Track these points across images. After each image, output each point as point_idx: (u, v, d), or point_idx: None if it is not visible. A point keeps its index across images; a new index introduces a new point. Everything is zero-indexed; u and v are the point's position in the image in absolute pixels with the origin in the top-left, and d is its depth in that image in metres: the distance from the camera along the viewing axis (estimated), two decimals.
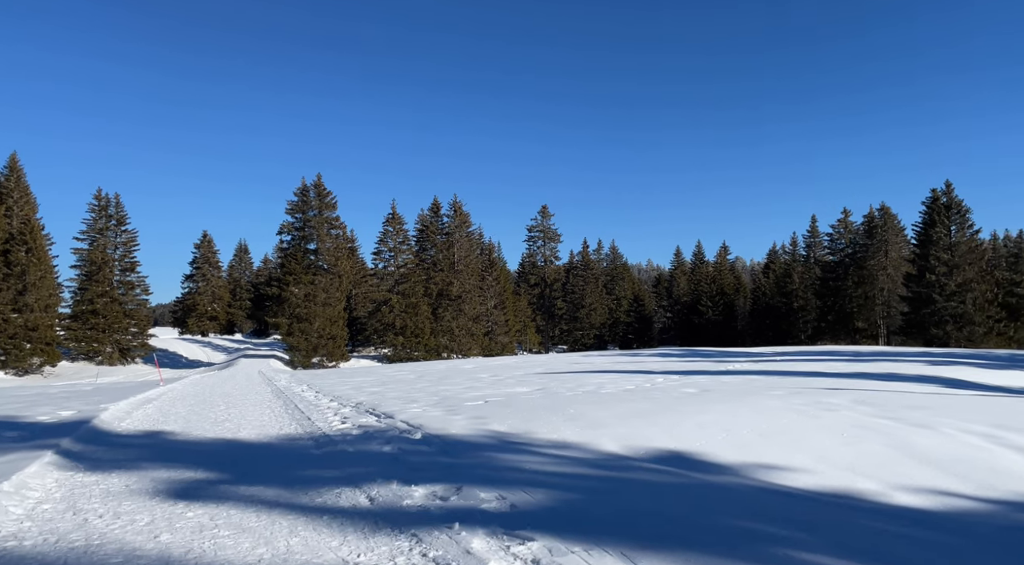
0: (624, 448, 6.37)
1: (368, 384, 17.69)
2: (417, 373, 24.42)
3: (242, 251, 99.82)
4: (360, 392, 14.51)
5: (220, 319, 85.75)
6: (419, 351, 59.42)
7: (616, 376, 17.59)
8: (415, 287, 60.30)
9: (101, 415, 9.34)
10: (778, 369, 18.77)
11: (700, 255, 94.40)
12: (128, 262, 58.42)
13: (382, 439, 7.16)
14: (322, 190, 59.13)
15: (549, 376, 18.37)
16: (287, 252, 60.30)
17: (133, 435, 8.14)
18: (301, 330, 53.05)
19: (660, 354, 33.75)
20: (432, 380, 18.72)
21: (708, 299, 78.79)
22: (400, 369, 29.16)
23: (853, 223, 64.13)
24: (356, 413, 9.84)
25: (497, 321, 69.65)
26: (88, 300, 53.83)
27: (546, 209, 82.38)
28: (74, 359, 53.22)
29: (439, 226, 68.70)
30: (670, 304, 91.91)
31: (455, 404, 10.27)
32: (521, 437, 6.93)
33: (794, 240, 76.02)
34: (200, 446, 7.35)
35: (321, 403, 12.07)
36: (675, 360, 27.59)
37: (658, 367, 22.39)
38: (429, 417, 8.59)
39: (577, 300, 79.13)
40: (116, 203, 58.59)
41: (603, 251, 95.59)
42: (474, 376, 20.21)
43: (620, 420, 7.78)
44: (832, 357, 25.78)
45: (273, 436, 8.01)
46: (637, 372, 19.56)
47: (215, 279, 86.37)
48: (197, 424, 9.32)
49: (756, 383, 13.58)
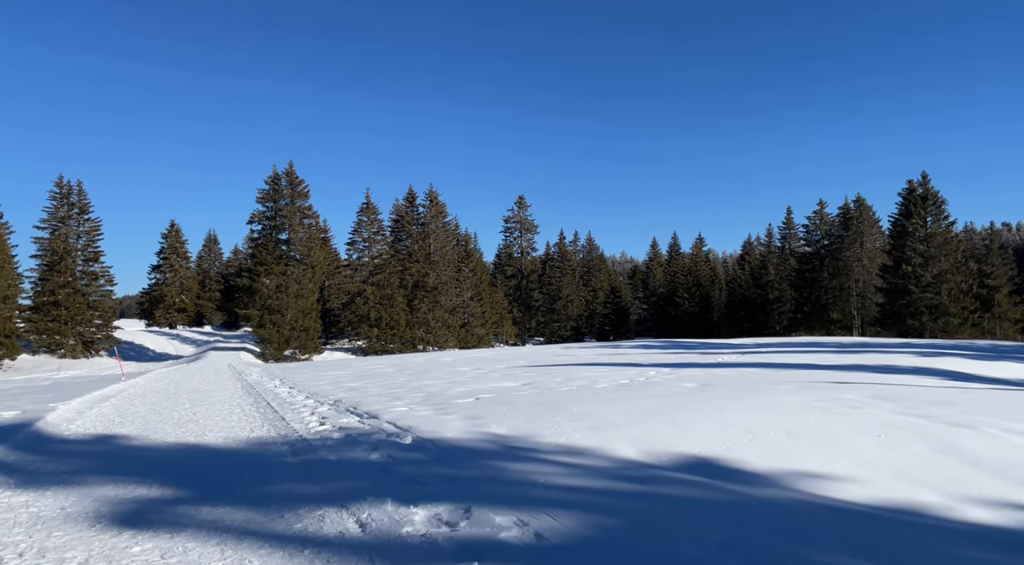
0: (643, 454, 5.64)
1: (345, 379, 16.79)
2: (396, 367, 23.55)
3: (211, 241, 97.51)
4: (337, 388, 13.63)
5: (189, 311, 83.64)
6: (394, 343, 58.41)
7: (605, 369, 16.93)
8: (390, 278, 59.21)
9: (47, 416, 8.39)
10: (769, 361, 18.26)
11: (676, 247, 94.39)
12: (91, 252, 56.43)
13: (368, 444, 6.35)
14: (294, 178, 57.63)
15: (535, 369, 17.64)
16: (258, 242, 58.74)
17: (81, 440, 7.21)
18: (273, 322, 51.73)
19: (641, 346, 33.23)
20: (413, 374, 17.88)
21: (684, 291, 78.78)
22: (377, 362, 28.23)
23: (829, 215, 64.36)
24: (336, 412, 8.99)
25: (473, 313, 68.80)
26: (49, 291, 51.90)
27: (523, 200, 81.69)
28: (35, 352, 51.31)
29: (414, 216, 67.59)
30: (646, 296, 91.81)
31: (444, 402, 9.47)
32: (525, 441, 6.17)
33: (769, 232, 76.21)
34: (158, 453, 6.47)
35: (296, 401, 11.19)
36: (659, 352, 27.04)
37: (644, 359, 21.79)
38: (418, 417, 7.79)
39: (554, 292, 78.57)
40: (79, 191, 56.53)
41: (579, 242, 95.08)
42: (456, 369, 19.42)
43: (629, 420, 7.05)
44: (817, 349, 25.44)
45: (243, 440, 7.16)
46: (625, 365, 18.92)
47: (183, 270, 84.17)
48: (157, 426, 8.41)
49: (755, 376, 12.98)
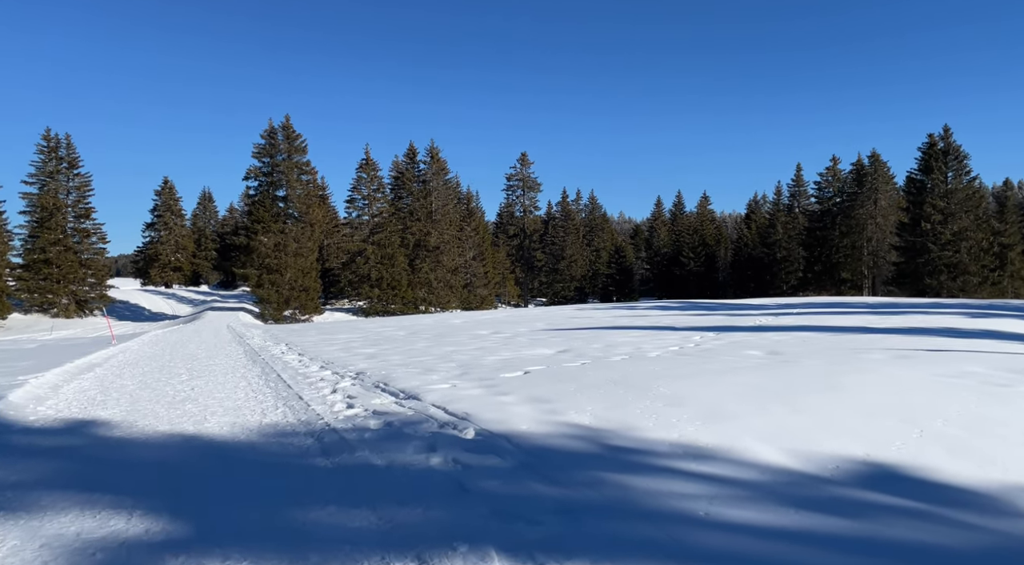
0: (792, 457, 4.19)
1: (357, 344, 15.35)
2: (406, 329, 22.14)
3: (206, 199, 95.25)
4: (352, 355, 12.18)
5: (184, 270, 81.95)
6: (396, 304, 57.01)
7: (640, 334, 15.50)
8: (391, 237, 57.46)
9: (13, 393, 6.91)
10: (814, 324, 16.84)
11: (680, 206, 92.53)
12: (83, 208, 54.41)
13: (420, 440, 4.89)
14: (291, 133, 55.37)
15: (562, 334, 16.21)
16: (255, 199, 56.71)
17: (48, 430, 5.73)
18: (272, 282, 50.18)
19: (658, 307, 31.81)
20: (430, 339, 16.43)
21: (690, 250, 77.22)
22: (384, 324, 26.82)
23: (841, 171, 62.46)
24: (363, 389, 7.54)
25: (476, 273, 67.33)
26: (40, 248, 50.13)
27: (525, 157, 79.38)
28: (27, 311, 49.80)
29: (415, 173, 65.49)
30: (649, 256, 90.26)
31: (487, 376, 8.02)
32: (626, 437, 4.71)
33: (778, 189, 74.29)
34: (146, 451, 5.01)
35: (310, 371, 9.74)
36: (681, 314, 25.65)
37: (673, 322, 20.38)
38: (468, 398, 6.32)
39: (557, 252, 76.96)
40: (67, 144, 54.19)
41: (582, 201, 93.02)
42: (475, 334, 17.99)
43: (741, 405, 5.61)
44: (850, 310, 24.05)
45: (254, 429, 5.70)
46: (657, 328, 17.51)
47: (178, 228, 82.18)
48: (147, 407, 6.94)
49: (820, 342, 11.55)
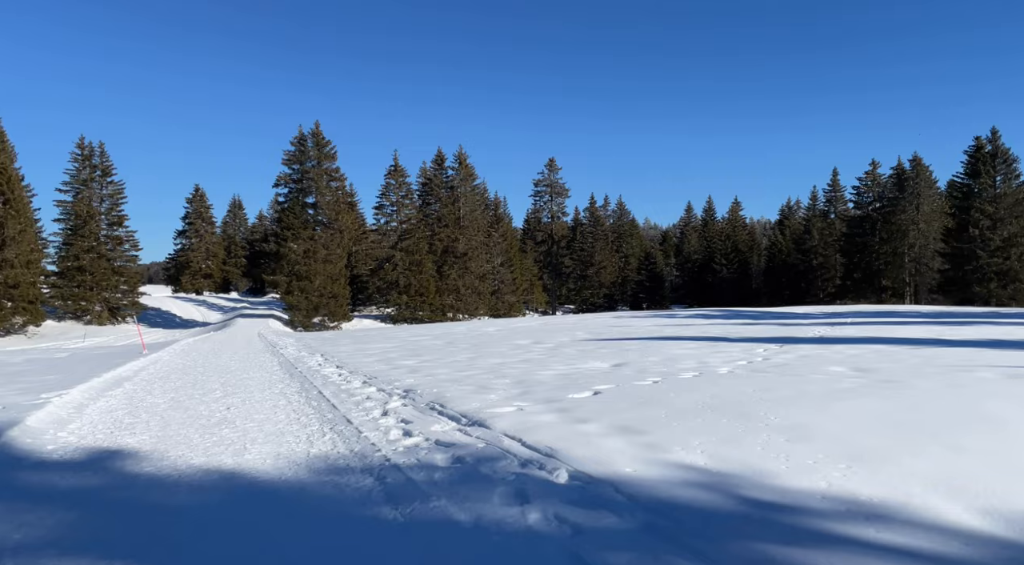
0: (994, 521, 3.29)
1: (394, 354, 14.59)
2: (441, 338, 21.36)
3: (236, 207, 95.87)
4: (394, 367, 11.41)
5: (215, 277, 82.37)
6: (424, 310, 56.45)
7: (695, 346, 14.53)
8: (419, 243, 56.94)
9: (32, 416, 6.22)
10: (880, 335, 15.73)
11: (711, 211, 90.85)
12: (115, 216, 54.67)
13: (504, 484, 4.05)
14: (320, 139, 55.22)
15: (610, 345, 15.30)
16: (284, 206, 56.67)
17: (65, 464, 4.98)
18: (301, 289, 49.89)
19: (699, 315, 30.72)
20: (468, 349, 15.62)
21: (722, 257, 75.70)
22: (417, 333, 26.09)
23: (881, 176, 60.69)
24: (416, 411, 6.73)
25: (504, 280, 66.56)
26: (74, 256, 50.43)
27: (553, 162, 78.63)
28: (61, 318, 50.05)
29: (443, 179, 65.03)
30: (680, 262, 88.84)
31: (551, 396, 7.17)
32: (760, 486, 3.83)
33: (814, 194, 72.45)
34: (178, 495, 4.23)
35: (353, 387, 8.97)
36: (727, 322, 24.58)
37: (721, 331, 19.37)
38: (543, 426, 5.46)
39: (586, 258, 75.90)
40: (101, 152, 54.53)
41: (610, 207, 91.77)
42: (514, 344, 17.13)
43: (878, 438, 4.70)
44: (909, 319, 22.79)
45: (302, 463, 4.91)
46: (708, 339, 16.51)
47: (209, 235, 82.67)
48: (179, 432, 6.19)
49: (904, 357, 10.51)
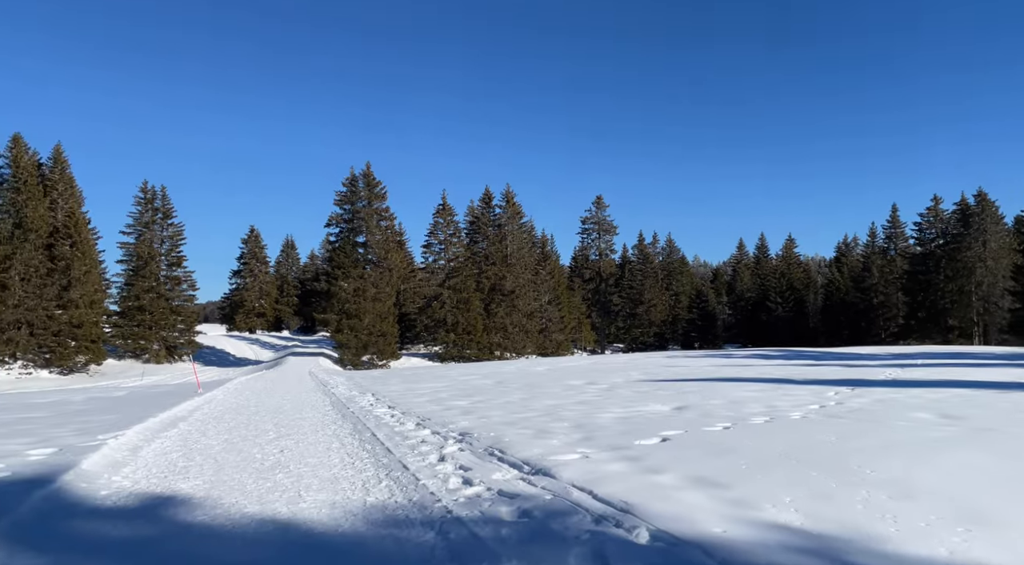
0: None
1: (445, 394, 14.33)
2: (491, 377, 21.04)
3: (289, 247, 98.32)
4: (447, 408, 11.13)
5: (268, 316, 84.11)
6: (471, 349, 56.28)
7: (757, 387, 13.87)
8: (466, 281, 57.10)
9: (87, 459, 6.12)
10: (955, 378, 14.78)
11: (763, 248, 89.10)
12: (175, 256, 56.53)
13: (579, 545, 3.70)
14: (371, 180, 56.37)
15: (668, 387, 14.75)
16: (335, 245, 57.80)
17: (118, 511, 4.80)
18: (350, 327, 50.36)
19: (757, 356, 29.74)
20: (520, 389, 15.25)
21: (777, 295, 73.85)
22: (466, 372, 25.83)
23: (944, 211, 58.65)
24: (475, 456, 6.42)
25: (552, 318, 66.01)
26: (135, 296, 52.08)
27: (601, 200, 78.43)
28: (121, 357, 51.51)
29: (491, 217, 65.41)
30: (732, 300, 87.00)
31: (616, 442, 6.78)
32: (871, 552, 3.42)
33: (872, 231, 70.47)
34: (231, 548, 3.99)
35: (407, 430, 8.71)
36: (788, 364, 23.67)
37: (784, 373, 18.55)
38: (613, 477, 5.09)
39: (635, 296, 74.94)
40: (162, 196, 56.73)
41: (659, 244, 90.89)
42: (566, 384, 16.69)
43: (991, 497, 4.19)
44: (984, 361, 21.57)
45: (359, 513, 4.63)
46: (771, 381, 15.79)
47: (262, 275, 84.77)
48: (233, 476, 6.01)
49: (993, 403, 9.75)
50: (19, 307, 42.39)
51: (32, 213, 44.47)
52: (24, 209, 44.22)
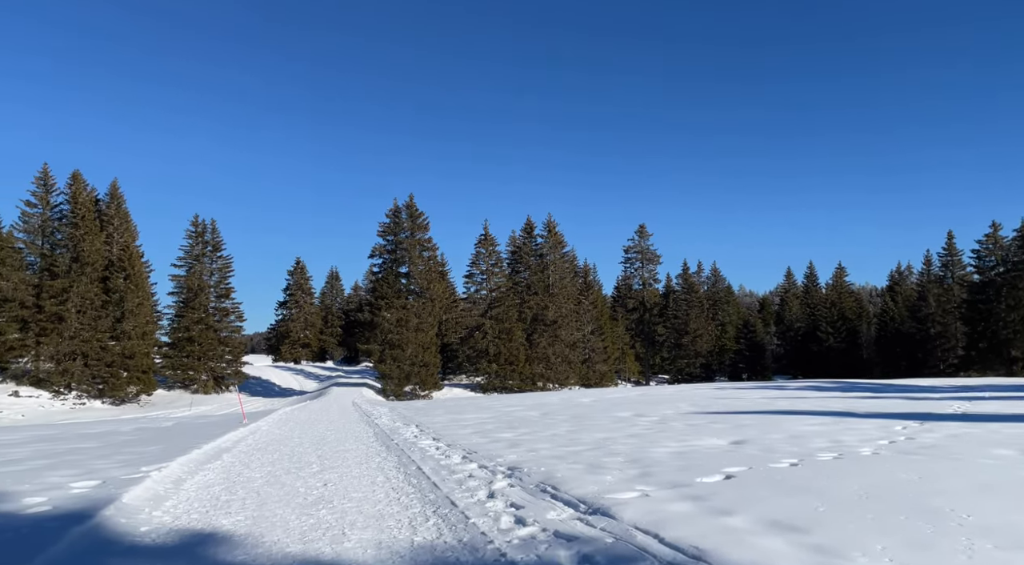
0: None
1: (490, 426, 13.99)
2: (536, 409, 20.61)
3: (333, 278, 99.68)
4: (493, 441, 10.80)
5: (312, 346, 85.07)
6: (513, 380, 55.78)
7: (817, 421, 13.20)
8: (508, 311, 56.85)
9: (129, 493, 5.98)
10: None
11: (812, 277, 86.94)
12: (223, 288, 57.73)
13: None
14: (414, 211, 56.94)
15: (722, 419, 14.15)
16: (379, 276, 58.32)
17: (157, 549, 4.60)
18: (393, 357, 50.44)
19: (811, 388, 28.67)
20: (567, 421, 14.82)
21: (828, 325, 71.69)
22: (509, 403, 25.44)
23: (1003, 238, 56.40)
24: (526, 493, 6.07)
25: (595, 348, 65.14)
26: (184, 327, 53.12)
27: (644, 229, 77.68)
28: (170, 387, 52.44)
29: (532, 247, 65.36)
30: (781, 330, 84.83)
31: (676, 479, 6.36)
32: None
33: (927, 259, 68.09)
34: None
35: (453, 463, 8.40)
36: (846, 396, 22.68)
37: (843, 406, 17.72)
38: (679, 518, 4.69)
39: (680, 326, 73.57)
40: (212, 229, 58.24)
41: (703, 273, 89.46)
42: (614, 416, 16.18)
43: None
44: None
45: (407, 554, 4.34)
46: (831, 414, 15.05)
47: (308, 306, 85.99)
48: (276, 511, 5.78)
49: None
50: (75, 338, 43.64)
51: (88, 247, 45.96)
52: (81, 243, 45.74)
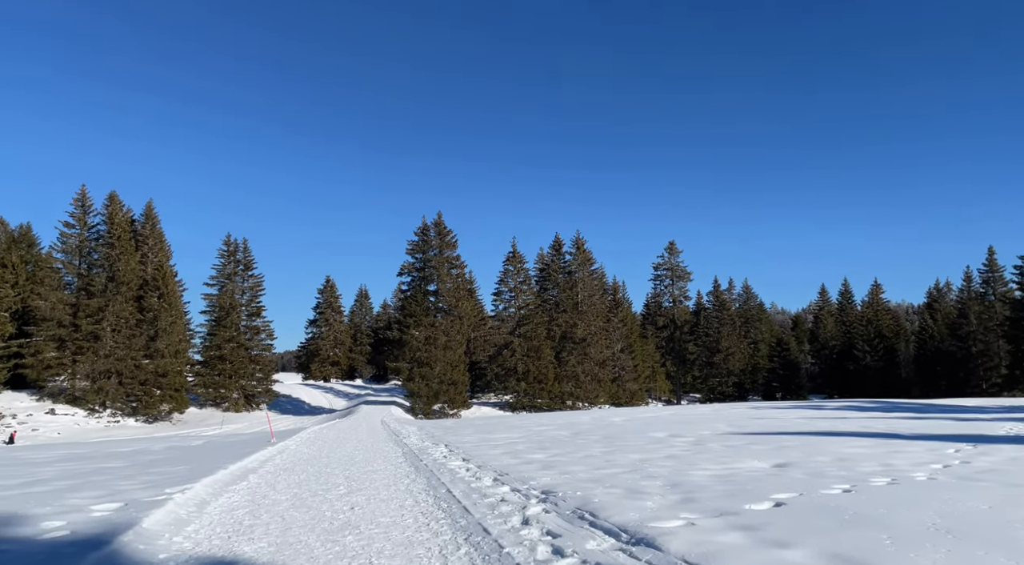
0: None
1: (522, 446, 13.63)
2: (567, 428, 20.17)
3: (363, 297, 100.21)
4: (523, 462, 10.45)
5: (342, 364, 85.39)
6: (542, 398, 55.20)
7: (862, 443, 12.61)
8: (537, 329, 56.42)
9: (150, 517, 5.77)
10: None
11: (847, 294, 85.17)
12: (254, 307, 58.23)
13: None
14: (442, 229, 57.04)
15: (762, 440, 13.62)
16: (407, 294, 58.49)
17: None
18: (422, 375, 50.26)
19: (851, 407, 27.80)
20: (600, 441, 14.39)
21: (864, 343, 69.91)
22: (540, 422, 25.00)
23: None
24: (562, 520, 5.73)
25: (625, 366, 64.28)
26: (216, 345, 53.58)
27: (674, 245, 76.81)
28: (202, 405, 52.83)
29: (561, 265, 64.91)
30: (815, 349, 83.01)
31: (721, 505, 5.97)
32: None
33: (968, 275, 66.27)
34: None
35: (484, 485, 8.08)
36: (889, 416, 21.90)
37: (886, 426, 17.02)
38: (731, 551, 4.33)
39: (712, 344, 72.36)
40: (244, 248, 58.92)
41: (735, 290, 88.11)
42: (649, 436, 15.71)
43: None
44: None
45: None
46: (877, 435, 14.41)
47: (337, 324, 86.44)
48: (300, 537, 5.51)
49: None
50: (109, 357, 44.22)
51: (124, 267, 46.72)
52: (117, 263, 46.52)
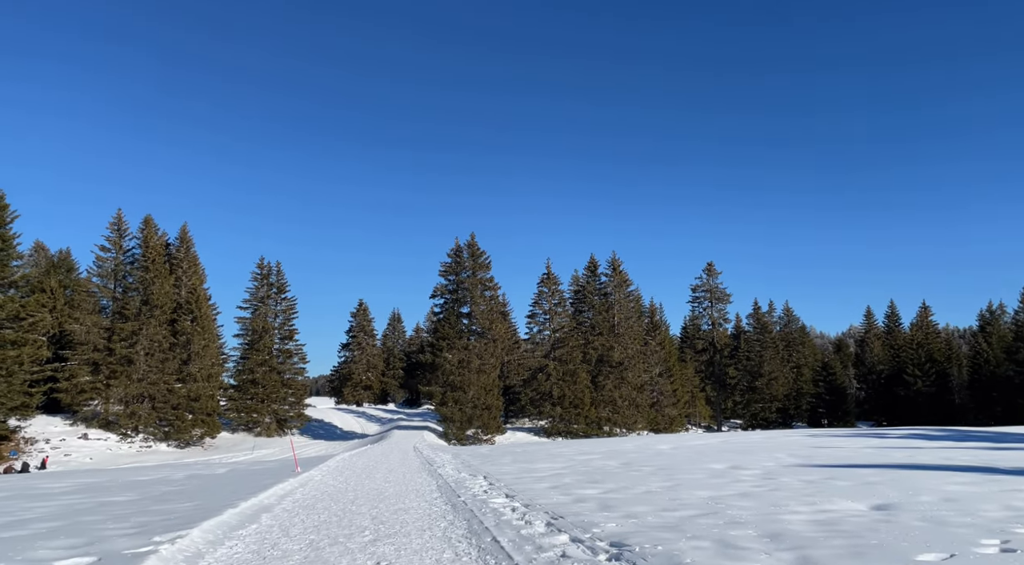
0: None
1: (569, 479, 12.27)
2: (613, 458, 18.71)
3: (395, 320, 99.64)
4: (575, 499, 9.12)
5: (374, 388, 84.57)
6: (579, 423, 53.40)
7: (957, 478, 11.01)
8: (572, 352, 54.82)
9: None
10: None
11: (894, 317, 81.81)
12: (287, 330, 57.74)
13: None
14: (475, 250, 56.10)
15: (839, 475, 12.07)
16: (440, 317, 57.51)
17: None
18: (455, 400, 48.97)
19: (915, 435, 25.81)
20: (653, 474, 12.94)
21: (915, 368, 66.74)
22: (582, 450, 23.52)
23: None
24: None
25: (663, 391, 62.16)
26: (249, 369, 53.05)
27: (712, 267, 74.78)
28: (234, 430, 52.18)
29: (596, 286, 63.37)
30: (861, 373, 79.76)
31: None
32: None
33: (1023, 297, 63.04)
34: None
35: (535, 531, 6.78)
36: (962, 446, 20.03)
37: (971, 458, 15.30)
38: None
39: (753, 368, 69.80)
40: (277, 271, 58.67)
41: (775, 313, 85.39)
42: (706, 468, 14.21)
43: None
44: None
45: None
46: (969, 470, 12.77)
47: (370, 348, 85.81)
48: None
49: None
50: (143, 381, 43.85)
51: (158, 290, 46.57)
52: (151, 286, 46.39)
